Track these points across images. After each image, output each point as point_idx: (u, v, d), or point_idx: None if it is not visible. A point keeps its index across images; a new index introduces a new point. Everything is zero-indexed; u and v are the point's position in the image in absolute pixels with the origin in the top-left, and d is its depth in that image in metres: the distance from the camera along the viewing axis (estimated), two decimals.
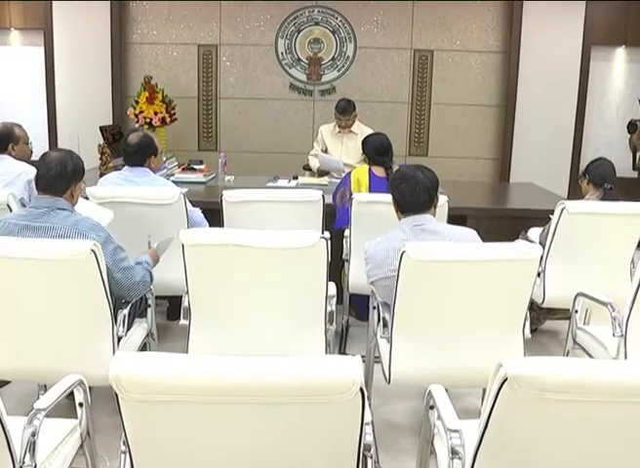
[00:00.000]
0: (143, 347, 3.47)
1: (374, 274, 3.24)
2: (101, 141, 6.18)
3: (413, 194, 3.18)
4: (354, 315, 4.99)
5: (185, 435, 1.77)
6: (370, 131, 5.92)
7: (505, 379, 1.74)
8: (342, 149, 6.38)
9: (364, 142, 4.98)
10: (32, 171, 3.93)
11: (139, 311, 3.51)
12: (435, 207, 3.27)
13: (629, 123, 7.63)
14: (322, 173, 6.27)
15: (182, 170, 6.00)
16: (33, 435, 2.09)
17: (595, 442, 1.85)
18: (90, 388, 2.55)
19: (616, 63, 8.21)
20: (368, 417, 1.80)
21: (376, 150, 4.82)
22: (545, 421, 1.82)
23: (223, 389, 1.67)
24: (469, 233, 3.27)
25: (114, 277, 3.11)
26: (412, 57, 8.06)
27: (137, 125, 7.08)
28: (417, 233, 3.14)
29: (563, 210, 3.95)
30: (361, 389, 1.67)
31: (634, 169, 7.85)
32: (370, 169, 4.81)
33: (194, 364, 1.71)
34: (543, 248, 4.01)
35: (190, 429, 1.76)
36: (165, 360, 1.71)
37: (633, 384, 1.75)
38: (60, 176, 3.09)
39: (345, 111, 6.32)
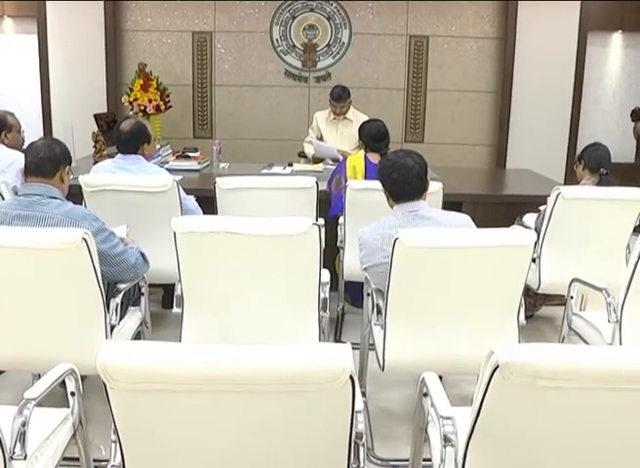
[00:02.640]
0: (137, 335, 3.46)
1: (367, 260, 3.23)
2: (96, 129, 6.16)
3: (406, 182, 3.15)
4: (349, 302, 4.98)
5: (174, 424, 1.76)
6: (365, 117, 5.92)
7: (497, 367, 1.72)
8: (337, 136, 6.36)
9: (361, 129, 4.96)
10: None
11: (132, 299, 3.50)
12: (426, 190, 3.24)
13: (633, 111, 7.60)
14: (317, 159, 6.25)
15: (177, 157, 5.98)
16: (23, 425, 2.07)
17: (588, 429, 1.84)
18: (83, 377, 2.54)
19: (612, 49, 8.19)
20: (359, 405, 1.79)
21: (372, 136, 4.80)
22: (538, 408, 1.81)
23: (211, 378, 1.66)
24: (463, 218, 3.25)
25: (110, 262, 3.12)
26: (407, 43, 8.02)
27: (131, 112, 7.05)
28: (410, 219, 3.13)
29: (558, 195, 3.94)
30: (351, 377, 1.66)
31: (637, 157, 7.81)
32: (365, 156, 4.79)
33: (182, 353, 1.70)
34: (539, 233, 4.00)
35: (179, 418, 1.74)
36: (152, 349, 1.70)
37: (626, 371, 1.74)
38: (48, 158, 3.10)
39: (340, 98, 6.30)
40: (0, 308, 2.87)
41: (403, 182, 3.15)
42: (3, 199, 3.90)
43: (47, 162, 3.09)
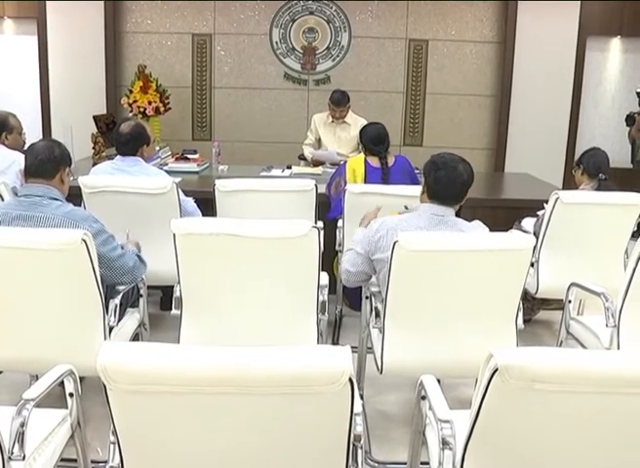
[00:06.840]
0: (136, 337, 3.47)
1: (380, 252, 3.18)
2: (95, 131, 6.16)
3: (449, 185, 3.09)
4: (348, 305, 4.98)
5: (173, 425, 1.76)
6: (363, 121, 5.93)
7: (496, 370, 1.73)
8: (335, 139, 6.38)
9: (361, 132, 4.97)
10: None
11: (131, 301, 3.50)
12: (461, 203, 3.20)
13: (627, 116, 7.60)
14: (317, 162, 6.25)
15: (176, 159, 5.99)
16: (22, 425, 2.07)
17: (586, 432, 1.84)
18: (82, 378, 2.54)
19: (611, 54, 8.20)
20: (358, 408, 1.79)
21: (372, 140, 4.80)
22: (536, 412, 1.81)
23: (210, 379, 1.66)
24: (483, 228, 3.22)
25: (109, 265, 3.13)
26: (407, 46, 8.03)
27: (130, 114, 7.05)
28: (436, 223, 3.10)
29: (557, 200, 3.94)
30: (350, 380, 1.66)
31: (632, 162, 7.81)
32: (365, 159, 4.79)
33: (181, 354, 1.70)
34: (537, 238, 4.00)
35: (178, 420, 1.74)
36: (152, 350, 1.70)
37: (625, 375, 1.74)
38: (48, 160, 3.11)
39: (340, 103, 6.31)
40: None
41: (445, 184, 3.09)
42: (3, 200, 3.89)
43: (47, 163, 3.10)
